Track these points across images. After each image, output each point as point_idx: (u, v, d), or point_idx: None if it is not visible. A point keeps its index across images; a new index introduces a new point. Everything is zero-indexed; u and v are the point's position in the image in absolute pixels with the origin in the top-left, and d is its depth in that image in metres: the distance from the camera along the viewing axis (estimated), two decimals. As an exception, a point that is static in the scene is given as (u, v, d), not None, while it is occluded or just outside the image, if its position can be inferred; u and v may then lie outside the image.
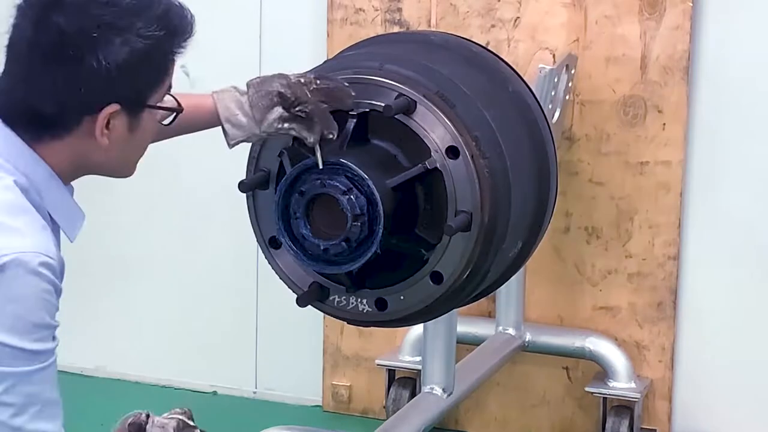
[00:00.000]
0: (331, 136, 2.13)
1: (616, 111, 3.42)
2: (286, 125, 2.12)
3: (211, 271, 3.90)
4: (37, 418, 1.68)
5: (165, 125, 1.91)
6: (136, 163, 1.93)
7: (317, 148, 2.12)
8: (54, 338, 1.72)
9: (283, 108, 2.11)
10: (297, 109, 2.11)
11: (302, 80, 2.13)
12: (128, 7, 1.77)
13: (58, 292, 1.72)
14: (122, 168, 1.91)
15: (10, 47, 1.79)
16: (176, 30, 1.83)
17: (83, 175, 1.87)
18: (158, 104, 1.86)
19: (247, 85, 2.15)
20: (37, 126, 1.79)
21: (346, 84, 2.16)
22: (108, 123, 1.79)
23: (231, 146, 2.18)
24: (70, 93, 1.76)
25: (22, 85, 1.78)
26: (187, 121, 2.08)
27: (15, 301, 1.66)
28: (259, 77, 2.15)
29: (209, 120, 2.16)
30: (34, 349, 1.68)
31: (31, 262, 1.67)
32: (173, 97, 1.90)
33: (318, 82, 2.13)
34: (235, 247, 3.75)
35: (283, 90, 2.11)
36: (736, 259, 3.45)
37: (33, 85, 1.76)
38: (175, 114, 1.90)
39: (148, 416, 1.80)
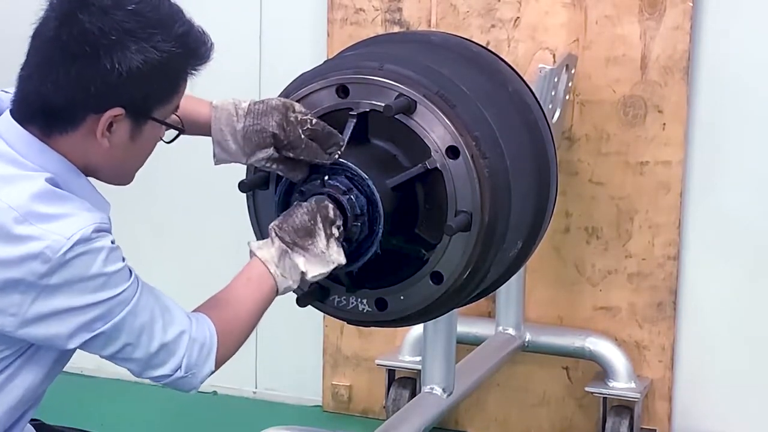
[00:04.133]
0: (325, 162, 2.12)
1: (616, 111, 3.42)
2: (274, 166, 2.13)
3: (210, 272, 3.88)
4: (164, 330, 1.90)
5: (166, 142, 1.97)
6: (135, 172, 1.98)
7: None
8: (130, 273, 1.88)
9: (275, 148, 2.11)
10: (287, 152, 2.10)
11: (299, 117, 2.10)
12: (151, 19, 1.83)
13: (114, 242, 1.86)
14: (120, 175, 1.96)
15: (35, 37, 1.86)
16: (193, 52, 1.89)
17: (89, 176, 1.92)
18: (163, 120, 1.91)
19: (248, 110, 2.12)
20: (46, 119, 1.85)
21: (341, 137, 2.13)
22: (111, 126, 1.85)
23: (216, 164, 2.19)
24: (80, 89, 1.82)
25: (38, 75, 1.84)
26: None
27: (89, 266, 1.80)
28: (262, 102, 2.12)
29: (202, 130, 2.17)
30: (118, 292, 1.84)
31: (90, 236, 1.79)
32: (178, 117, 1.96)
33: (314, 122, 2.11)
34: (235, 248, 3.75)
35: (277, 132, 2.09)
36: (736, 260, 3.45)
37: (47, 75, 1.83)
38: (177, 133, 1.96)
39: None
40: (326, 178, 2.11)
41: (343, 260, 2.07)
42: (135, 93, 1.84)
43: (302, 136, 2.09)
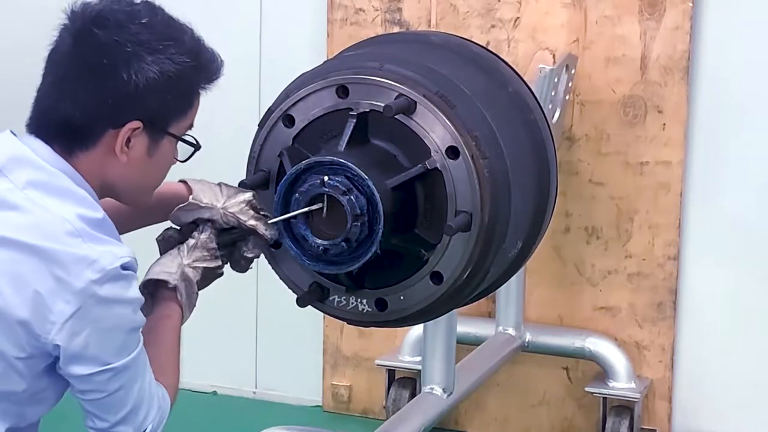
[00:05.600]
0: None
1: (616, 111, 3.42)
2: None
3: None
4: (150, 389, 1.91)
5: (180, 161, 1.98)
6: (152, 192, 2.00)
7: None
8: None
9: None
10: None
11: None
12: (164, 32, 1.87)
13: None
14: (138, 193, 1.98)
15: (50, 56, 1.88)
16: (204, 65, 1.92)
17: (106, 196, 1.93)
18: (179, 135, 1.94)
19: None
20: (66, 136, 1.86)
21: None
22: (129, 141, 1.87)
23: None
24: (99, 103, 1.83)
25: (56, 91, 1.85)
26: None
27: (129, 290, 1.83)
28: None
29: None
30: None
31: (132, 264, 1.83)
32: (194, 138, 1.98)
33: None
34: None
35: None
36: (736, 260, 3.45)
37: (65, 91, 1.84)
38: (193, 151, 1.97)
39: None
40: (326, 178, 2.11)
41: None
42: (152, 105, 1.86)
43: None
